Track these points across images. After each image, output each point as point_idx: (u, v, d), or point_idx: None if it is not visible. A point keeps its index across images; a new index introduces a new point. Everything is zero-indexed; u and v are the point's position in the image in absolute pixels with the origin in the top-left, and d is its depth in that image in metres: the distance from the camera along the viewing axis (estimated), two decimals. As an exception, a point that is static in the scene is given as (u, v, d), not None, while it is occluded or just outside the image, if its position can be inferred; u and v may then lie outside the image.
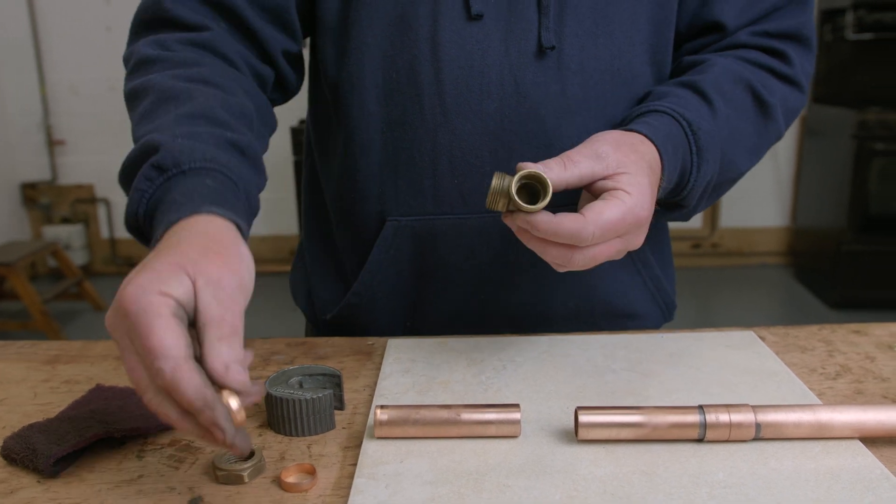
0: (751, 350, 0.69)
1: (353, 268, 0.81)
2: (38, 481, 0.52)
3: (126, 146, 0.59)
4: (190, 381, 0.43)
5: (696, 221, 3.63)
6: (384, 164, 0.75)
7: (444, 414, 0.54)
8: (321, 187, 0.84)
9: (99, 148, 3.56)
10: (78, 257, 3.59)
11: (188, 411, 0.44)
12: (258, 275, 0.53)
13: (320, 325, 0.87)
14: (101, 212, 3.69)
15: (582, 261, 0.57)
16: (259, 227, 3.58)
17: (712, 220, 3.68)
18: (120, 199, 3.61)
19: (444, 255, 0.76)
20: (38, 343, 0.76)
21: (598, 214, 0.55)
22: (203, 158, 0.55)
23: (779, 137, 0.77)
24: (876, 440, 0.55)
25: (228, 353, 0.45)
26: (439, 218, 0.75)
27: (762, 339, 0.72)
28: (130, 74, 0.69)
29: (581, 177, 0.58)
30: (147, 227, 0.55)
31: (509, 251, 0.75)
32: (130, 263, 3.69)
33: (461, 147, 0.72)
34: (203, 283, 0.46)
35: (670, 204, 0.70)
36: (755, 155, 0.75)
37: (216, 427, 0.44)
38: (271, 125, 0.72)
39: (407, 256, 0.77)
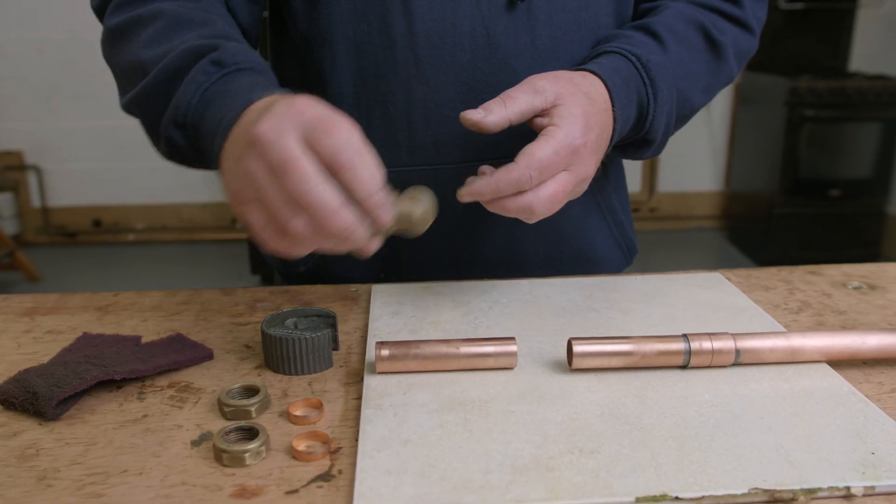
0: (719, 289, 0.73)
1: None
2: (40, 423, 0.52)
3: (58, 111, 0.61)
4: (368, 157, 0.48)
5: (635, 186, 3.72)
6: (357, 117, 0.75)
7: (444, 348, 0.56)
8: None
9: (28, 114, 3.41)
10: (8, 227, 3.45)
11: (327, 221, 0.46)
12: (198, 242, 0.55)
13: (293, 279, 0.87)
14: (32, 179, 3.55)
15: (540, 205, 0.59)
16: (201, 193, 3.51)
17: (650, 185, 3.78)
18: (54, 168, 3.48)
19: None
20: (10, 297, 0.75)
21: (531, 157, 0.57)
22: (255, 61, 0.60)
23: (730, 79, 0.82)
24: (840, 363, 0.59)
25: (375, 185, 0.49)
26: (414, 169, 0.76)
27: (728, 279, 0.76)
28: (117, 10, 0.68)
29: (522, 112, 0.60)
30: (196, 117, 0.59)
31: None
32: (65, 233, 3.58)
33: (434, 99, 0.74)
34: (340, 125, 0.48)
35: (638, 141, 0.73)
36: (707, 93, 0.79)
37: (382, 208, 0.48)
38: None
39: None
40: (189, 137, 0.62)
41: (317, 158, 0.47)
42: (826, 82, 3.08)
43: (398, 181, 0.76)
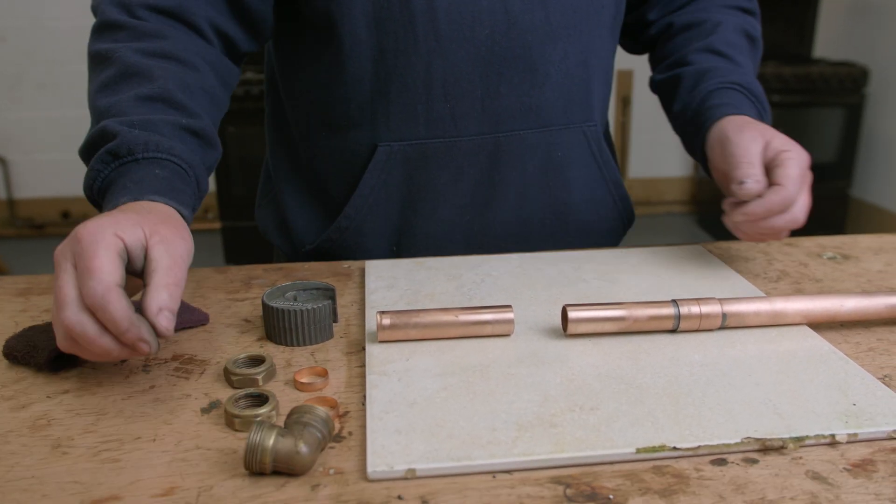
0: (702, 260, 0.76)
1: (339, 196, 0.82)
2: (48, 396, 0.53)
3: (23, 101, 0.63)
4: (119, 301, 0.48)
5: (607, 173, 3.76)
6: (376, 91, 0.77)
7: (443, 316, 0.58)
8: (288, 123, 0.85)
9: (-8, 103, 3.35)
10: (-26, 220, 3.39)
11: (108, 330, 0.49)
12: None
13: (300, 257, 0.88)
14: (-2, 171, 3.49)
15: (803, 215, 0.67)
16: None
17: (621, 172, 3.82)
18: (19, 159, 3.42)
19: (434, 177, 0.80)
20: (3, 278, 0.75)
21: (790, 178, 0.66)
22: (156, 149, 0.61)
23: None
24: (820, 326, 0.62)
25: (166, 300, 0.50)
26: (431, 142, 0.78)
27: (709, 252, 0.79)
28: (96, 35, 0.70)
29: (764, 175, 0.68)
30: (100, 200, 0.62)
31: (495, 172, 0.80)
32: (33, 225, 3.52)
33: (454, 73, 0.75)
34: (157, 239, 0.52)
35: None
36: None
37: (142, 341, 0.50)
38: (233, 84, 0.75)
39: (397, 180, 0.80)
40: (96, 206, 0.64)
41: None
42: (791, 68, 3.14)
43: (414, 153, 0.78)
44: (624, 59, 0.99)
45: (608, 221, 0.89)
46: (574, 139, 0.82)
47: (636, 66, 3.49)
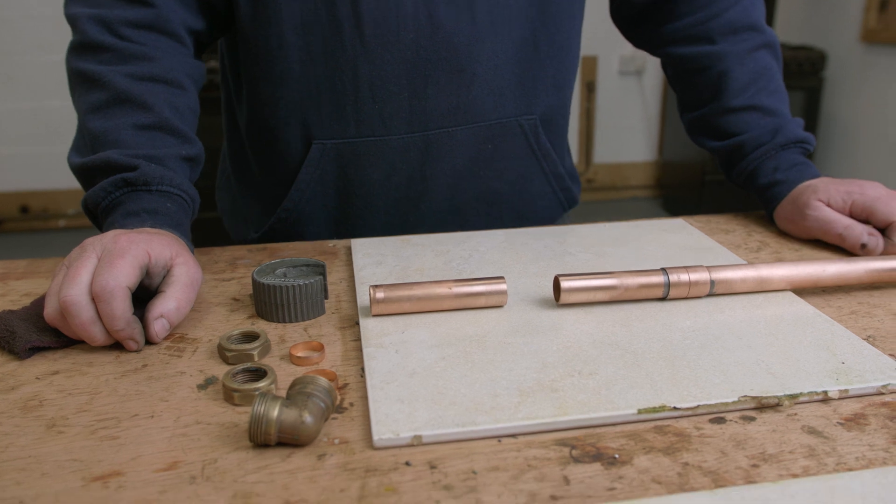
0: (684, 232, 0.77)
1: (277, 190, 0.84)
2: (37, 378, 0.51)
3: None
4: (123, 301, 0.53)
5: (572, 158, 3.79)
6: (305, 93, 0.78)
7: (437, 288, 0.58)
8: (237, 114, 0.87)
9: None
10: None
11: (102, 322, 0.53)
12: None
13: (248, 243, 0.89)
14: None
15: None
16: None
17: (587, 158, 3.85)
18: (-27, 152, 3.32)
19: (368, 173, 0.81)
20: (-23, 265, 0.73)
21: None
22: (170, 184, 0.66)
23: None
24: (803, 292, 0.64)
25: (171, 310, 0.56)
26: (361, 140, 0.79)
27: (690, 224, 0.80)
28: (79, 53, 0.71)
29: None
30: (102, 216, 0.66)
31: (426, 166, 0.81)
32: (-10, 221, 3.43)
33: (381, 76, 0.76)
34: (181, 261, 0.58)
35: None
36: None
37: (132, 340, 0.54)
38: (202, 84, 0.77)
39: (332, 176, 0.81)
40: (90, 216, 0.68)
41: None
42: (752, 52, 3.18)
43: (346, 150, 0.79)
44: (588, 45, 1.00)
45: (547, 210, 0.91)
46: (507, 132, 0.83)
47: (600, 52, 3.52)
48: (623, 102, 3.75)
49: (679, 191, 3.65)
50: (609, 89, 3.67)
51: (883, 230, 0.72)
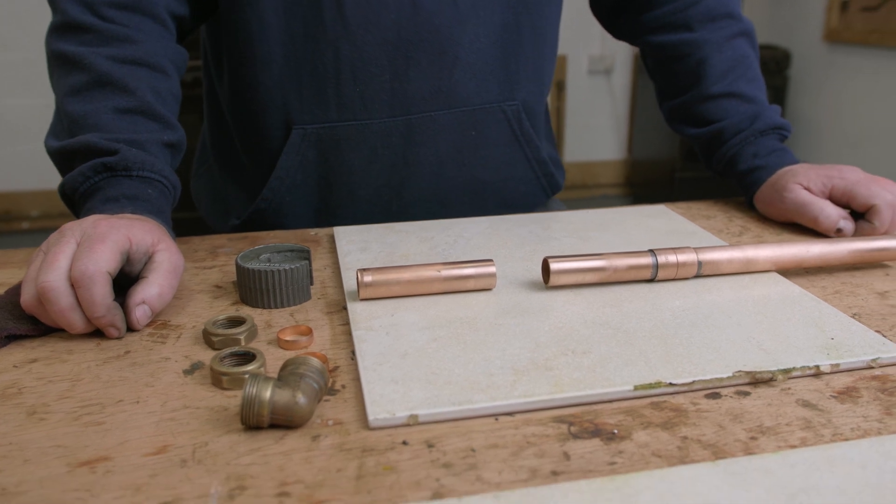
0: (667, 218, 0.77)
1: (259, 175, 0.83)
2: (14, 366, 0.50)
3: None
4: (103, 286, 0.52)
5: (544, 157, 3.80)
6: (286, 75, 0.77)
7: (425, 271, 0.57)
8: (219, 99, 0.85)
9: None
10: None
11: (82, 309, 0.52)
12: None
13: (227, 232, 0.87)
14: None
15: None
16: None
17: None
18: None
19: (349, 159, 0.80)
20: (-55, 256, 0.70)
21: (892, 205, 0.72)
22: (151, 169, 0.64)
23: None
24: (788, 272, 0.64)
25: (154, 296, 0.54)
26: (343, 125, 0.78)
27: (672, 211, 0.80)
28: (59, 34, 0.69)
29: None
30: (79, 201, 0.64)
31: (409, 152, 0.80)
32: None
33: (362, 58, 0.75)
34: (163, 247, 0.57)
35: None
36: None
37: (113, 327, 0.52)
38: (184, 70, 0.75)
39: (313, 162, 0.80)
40: (68, 202, 0.66)
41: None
42: (718, 51, 3.23)
43: (327, 135, 0.78)
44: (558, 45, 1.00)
45: (530, 196, 0.91)
46: (490, 118, 0.83)
47: (569, 52, 3.54)
48: (592, 101, 3.78)
49: (649, 188, 3.68)
50: (578, 88, 3.69)
51: (863, 214, 0.73)
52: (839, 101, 3.02)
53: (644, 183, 3.75)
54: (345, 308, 0.57)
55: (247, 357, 0.48)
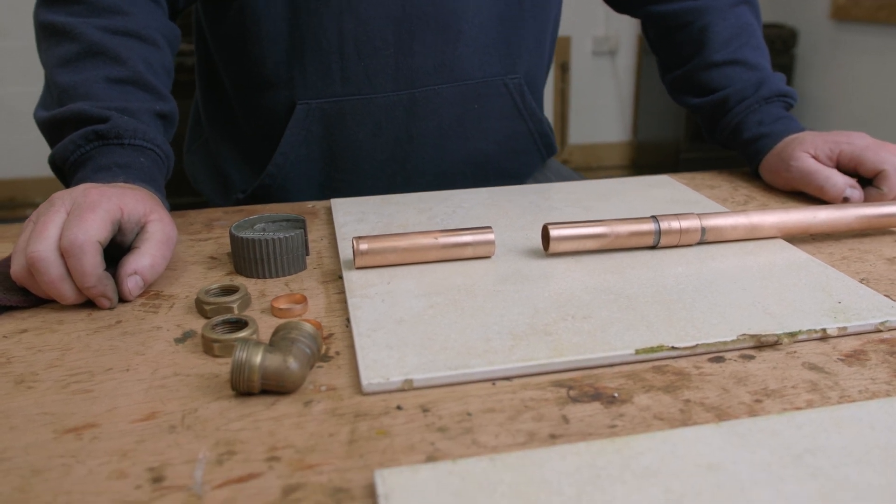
0: (671, 187, 0.75)
1: (263, 151, 0.82)
2: (5, 336, 0.49)
3: None
4: (94, 256, 0.50)
5: (548, 140, 3.78)
6: (291, 50, 0.76)
7: (422, 239, 0.56)
8: (218, 74, 0.84)
9: None
10: None
11: (73, 279, 0.51)
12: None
13: (230, 205, 0.86)
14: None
15: None
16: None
17: (562, 139, 3.85)
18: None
19: (353, 133, 0.79)
20: (-63, 231, 0.70)
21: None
22: (143, 137, 0.63)
23: None
24: (793, 239, 0.63)
25: (146, 266, 0.53)
26: (347, 99, 0.77)
27: (675, 181, 0.79)
28: (48, 5, 0.68)
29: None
30: (70, 171, 0.63)
31: (413, 126, 0.80)
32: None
33: (366, 31, 0.74)
34: (156, 217, 0.55)
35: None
36: None
37: (105, 297, 0.51)
38: (177, 48, 0.74)
39: (317, 137, 0.79)
40: (58, 173, 0.65)
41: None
42: (724, 30, 3.19)
43: (332, 110, 0.77)
44: (561, 26, 0.98)
45: (531, 167, 0.90)
46: (493, 92, 0.82)
47: (574, 33, 3.51)
48: (597, 83, 3.74)
49: (654, 170, 3.66)
50: (583, 70, 3.66)
51: (870, 180, 0.71)
52: (847, 80, 2.99)
53: (649, 165, 3.72)
54: (340, 277, 0.56)
55: (239, 324, 0.47)
